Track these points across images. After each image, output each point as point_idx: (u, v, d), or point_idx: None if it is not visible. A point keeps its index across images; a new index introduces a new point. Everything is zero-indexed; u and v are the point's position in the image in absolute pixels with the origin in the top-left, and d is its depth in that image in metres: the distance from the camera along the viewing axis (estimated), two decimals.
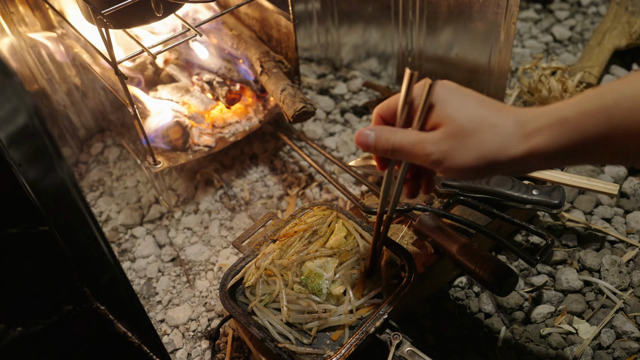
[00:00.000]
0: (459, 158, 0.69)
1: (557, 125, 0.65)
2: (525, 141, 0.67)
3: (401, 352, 0.90)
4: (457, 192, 1.13)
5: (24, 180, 0.63)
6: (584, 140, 0.65)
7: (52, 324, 0.73)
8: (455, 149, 0.69)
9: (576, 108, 0.65)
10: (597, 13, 1.77)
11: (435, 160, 0.71)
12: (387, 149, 0.75)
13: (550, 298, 1.10)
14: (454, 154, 0.69)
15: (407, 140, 0.73)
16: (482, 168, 0.69)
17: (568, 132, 0.65)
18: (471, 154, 0.69)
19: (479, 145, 0.68)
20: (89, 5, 1.03)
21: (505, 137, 0.68)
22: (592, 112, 0.64)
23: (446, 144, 0.70)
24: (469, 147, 0.69)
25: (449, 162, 0.70)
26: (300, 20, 1.62)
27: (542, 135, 0.66)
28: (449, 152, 0.70)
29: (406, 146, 0.73)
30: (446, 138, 0.70)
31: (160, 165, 1.24)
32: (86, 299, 0.75)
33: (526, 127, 0.67)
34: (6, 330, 0.70)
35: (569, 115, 0.65)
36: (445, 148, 0.70)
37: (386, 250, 1.02)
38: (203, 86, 1.34)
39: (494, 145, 0.68)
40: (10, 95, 0.58)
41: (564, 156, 0.67)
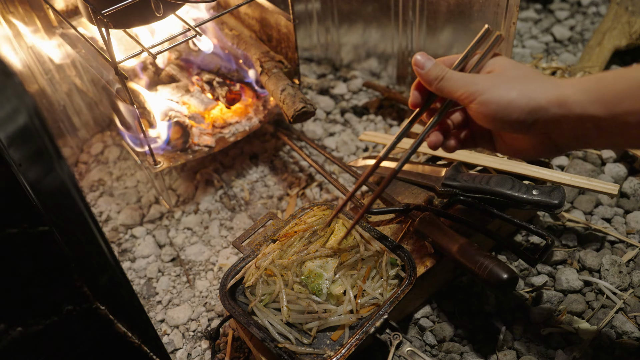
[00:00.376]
0: (501, 90, 0.74)
1: (593, 81, 0.72)
2: (562, 88, 0.72)
3: (401, 352, 0.90)
4: (457, 192, 1.13)
5: (24, 180, 0.63)
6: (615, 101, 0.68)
7: (52, 324, 0.73)
8: (501, 84, 0.75)
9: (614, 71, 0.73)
10: (597, 13, 1.77)
11: (478, 90, 0.75)
12: (438, 75, 0.80)
13: (550, 298, 1.10)
14: (498, 86, 0.75)
15: (458, 75, 0.79)
16: (519, 105, 0.73)
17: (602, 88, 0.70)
18: (514, 89, 0.74)
19: (524, 84, 0.74)
20: (89, 6, 1.03)
21: (547, 83, 0.73)
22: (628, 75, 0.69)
23: (494, 79, 0.76)
24: (514, 84, 0.74)
25: (491, 92, 0.74)
26: (300, 20, 1.62)
27: (578, 86, 0.72)
28: (494, 84, 0.75)
29: (456, 78, 0.78)
30: (497, 76, 0.77)
31: (160, 165, 1.24)
32: (86, 299, 0.75)
33: (566, 80, 0.74)
34: (6, 330, 0.70)
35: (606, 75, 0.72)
36: (492, 81, 0.76)
37: (386, 250, 1.02)
38: (203, 86, 1.34)
39: (537, 87, 0.73)
40: (10, 95, 0.58)
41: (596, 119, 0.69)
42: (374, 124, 1.51)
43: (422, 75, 0.81)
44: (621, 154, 1.32)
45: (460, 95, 0.77)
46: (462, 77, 0.78)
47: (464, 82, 0.77)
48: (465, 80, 0.77)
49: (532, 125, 0.74)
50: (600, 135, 0.71)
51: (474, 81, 0.76)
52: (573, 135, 0.74)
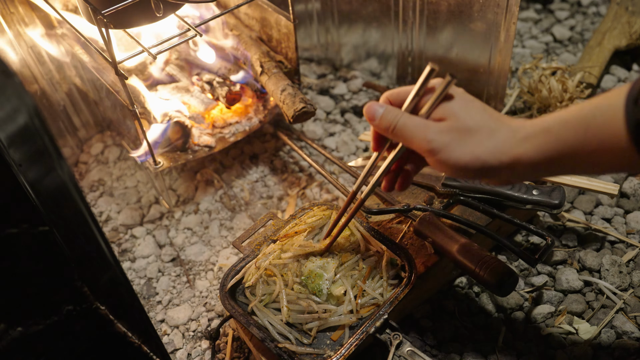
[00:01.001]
0: (456, 153, 0.73)
1: (542, 135, 0.71)
2: (514, 148, 0.72)
3: (401, 352, 0.90)
4: (457, 192, 1.13)
5: (24, 180, 0.63)
6: (564, 150, 0.69)
7: (52, 324, 0.73)
8: (455, 143, 0.74)
9: (558, 119, 0.71)
10: (597, 13, 1.77)
11: (434, 149, 0.74)
12: (390, 125, 0.78)
13: (550, 298, 1.10)
14: (453, 147, 0.74)
15: (412, 123, 0.77)
16: (473, 168, 0.73)
17: (550, 140, 0.70)
18: (468, 152, 0.73)
19: (477, 145, 0.73)
20: (89, 6, 1.03)
21: (499, 143, 0.73)
22: (572, 123, 0.69)
23: (448, 136, 0.74)
24: (467, 144, 0.73)
25: (446, 154, 0.74)
26: (300, 20, 1.62)
27: (528, 143, 0.71)
28: (448, 144, 0.74)
29: (410, 127, 0.77)
30: (449, 131, 0.74)
31: (160, 166, 1.24)
32: (86, 299, 0.75)
33: (516, 135, 0.73)
34: (6, 330, 0.70)
35: (551, 125, 0.71)
36: (446, 139, 0.74)
37: (386, 250, 1.02)
38: (203, 86, 1.34)
39: (489, 148, 0.73)
40: (10, 95, 0.58)
41: (547, 165, 0.72)
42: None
43: (376, 126, 0.81)
44: None
45: (416, 147, 0.77)
46: (415, 127, 0.76)
47: (419, 134, 0.76)
48: (419, 132, 0.76)
49: (489, 178, 0.76)
50: (551, 174, 0.78)
51: (429, 136, 0.75)
52: (525, 178, 0.79)
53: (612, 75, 1.53)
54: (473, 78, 1.40)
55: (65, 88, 1.42)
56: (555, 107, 1.39)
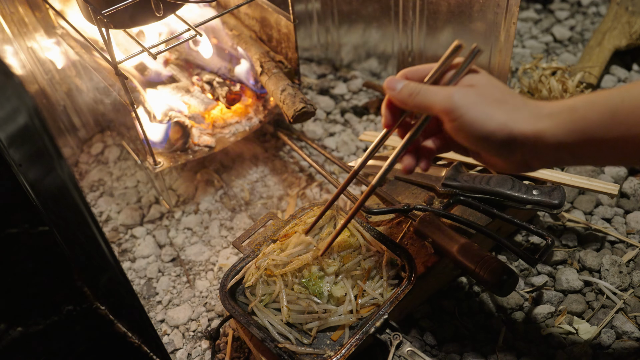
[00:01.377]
0: (482, 115, 0.71)
1: (567, 112, 0.69)
2: (538, 121, 0.70)
3: (401, 353, 0.90)
4: (457, 192, 1.13)
5: (24, 180, 0.63)
6: (589, 131, 0.67)
7: (52, 324, 0.73)
8: (481, 105, 0.71)
9: (585, 99, 0.69)
10: (597, 13, 1.77)
11: (458, 107, 0.71)
12: (412, 92, 0.75)
13: (550, 298, 1.10)
14: (479, 108, 0.71)
15: (434, 88, 0.75)
16: (498, 137, 0.71)
17: (576, 119, 0.68)
18: (494, 118, 0.71)
19: (503, 113, 0.71)
20: (89, 6, 1.03)
21: (525, 115, 0.71)
22: (598, 105, 0.67)
23: (474, 97, 0.72)
24: (494, 110, 0.71)
25: (471, 114, 0.71)
26: (300, 20, 1.62)
27: (553, 119, 0.69)
28: (475, 104, 0.71)
29: (432, 91, 0.74)
30: (476, 94, 0.72)
31: (160, 166, 1.24)
32: (86, 299, 0.75)
33: (542, 110, 0.71)
34: (6, 330, 0.70)
35: (578, 104, 0.69)
36: (472, 99, 0.71)
37: (386, 250, 1.02)
38: (203, 86, 1.34)
39: (515, 117, 0.71)
40: (10, 95, 0.58)
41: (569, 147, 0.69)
42: (374, 124, 1.51)
43: (396, 96, 0.77)
44: None
45: (439, 110, 0.74)
46: (439, 91, 0.74)
47: (443, 95, 0.73)
48: (443, 94, 0.73)
49: (509, 154, 0.73)
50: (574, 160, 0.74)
51: (454, 96, 0.72)
52: (548, 161, 0.75)
53: (612, 75, 1.53)
54: None
55: (65, 88, 1.42)
56: None
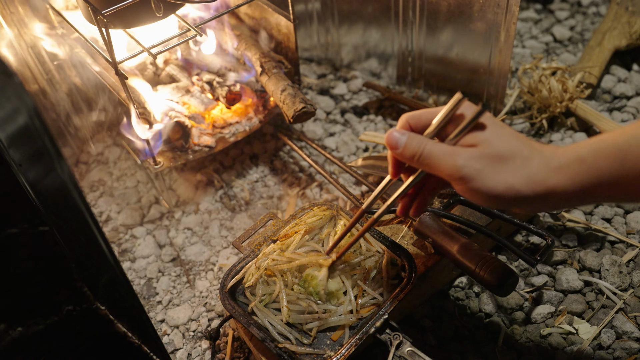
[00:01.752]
0: (489, 181, 0.70)
1: (575, 165, 0.68)
2: (548, 178, 0.69)
3: (401, 353, 0.90)
4: None
5: (24, 180, 0.63)
6: (599, 180, 0.67)
7: (52, 324, 0.73)
8: (488, 171, 0.70)
9: (591, 147, 0.68)
10: (598, 13, 1.77)
11: (465, 176, 0.70)
12: (416, 152, 0.74)
13: (550, 298, 1.10)
14: (486, 174, 0.70)
15: (439, 150, 0.73)
16: (507, 198, 0.70)
17: (585, 171, 0.67)
18: (502, 181, 0.70)
19: (511, 174, 0.70)
20: (89, 6, 1.03)
21: (533, 172, 0.69)
22: (606, 153, 0.67)
23: (480, 162, 0.70)
24: (501, 173, 0.70)
25: (479, 182, 0.70)
26: (300, 20, 1.62)
27: (562, 173, 0.68)
28: (481, 171, 0.70)
29: (437, 154, 0.73)
30: (481, 157, 0.70)
31: (160, 166, 1.24)
32: (86, 299, 0.75)
33: (550, 164, 0.69)
34: (6, 330, 0.70)
35: (585, 155, 0.68)
36: (478, 166, 0.70)
37: (386, 250, 1.02)
38: (203, 86, 1.34)
39: (523, 177, 0.69)
40: (10, 95, 0.58)
41: (581, 196, 0.69)
42: (374, 124, 1.51)
43: (399, 155, 0.76)
44: None
45: (444, 175, 0.73)
46: (444, 154, 0.72)
47: (449, 162, 0.72)
48: (449, 161, 0.72)
49: (520, 207, 0.73)
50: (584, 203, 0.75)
51: (459, 163, 0.71)
52: (557, 207, 0.77)
53: (612, 76, 1.53)
54: (473, 78, 1.40)
55: (65, 88, 1.42)
56: (556, 107, 1.39)
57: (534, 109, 1.44)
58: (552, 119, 1.44)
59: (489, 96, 1.40)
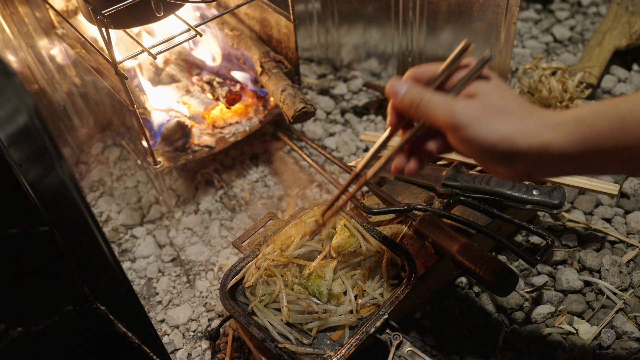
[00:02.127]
0: (484, 129, 0.69)
1: (573, 122, 0.67)
2: (545, 133, 0.68)
3: (401, 353, 0.90)
4: (457, 192, 1.13)
5: (24, 180, 0.63)
6: (596, 141, 0.66)
7: (52, 324, 0.73)
8: (484, 119, 0.69)
9: (592, 109, 0.68)
10: (598, 13, 1.77)
11: (459, 123, 0.70)
12: (414, 101, 0.74)
13: (550, 298, 1.10)
14: (481, 123, 0.69)
15: (437, 98, 0.72)
16: (501, 149, 0.69)
17: (583, 130, 0.67)
18: (497, 130, 0.69)
19: (507, 124, 0.69)
20: (89, 6, 1.03)
21: (530, 125, 0.69)
22: (607, 114, 0.66)
23: (477, 110, 0.70)
24: (497, 122, 0.69)
25: (473, 129, 0.69)
26: (300, 20, 1.62)
27: (559, 129, 0.68)
28: (477, 118, 0.69)
29: (435, 102, 0.72)
30: (479, 106, 0.70)
31: (160, 166, 1.24)
32: (86, 299, 0.75)
33: (548, 121, 0.69)
34: (6, 330, 0.70)
35: (584, 114, 0.67)
36: (474, 113, 0.70)
37: (386, 250, 1.02)
38: (203, 86, 1.34)
39: (519, 129, 0.69)
40: (10, 95, 0.58)
41: (577, 159, 0.68)
42: (374, 124, 1.51)
43: (398, 104, 0.76)
44: None
45: (440, 123, 0.72)
46: (441, 103, 0.72)
47: (445, 109, 0.71)
48: (445, 108, 0.71)
49: (512, 164, 0.72)
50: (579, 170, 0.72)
51: (456, 110, 0.70)
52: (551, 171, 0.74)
53: (612, 76, 1.53)
54: None
55: (65, 88, 1.42)
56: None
57: None
58: None
59: None
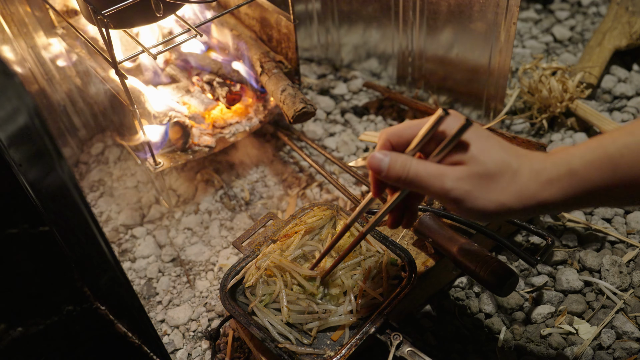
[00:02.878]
0: (480, 201, 0.69)
1: (567, 178, 0.67)
2: (539, 193, 0.68)
3: (401, 353, 0.90)
4: None
5: (24, 180, 0.63)
6: (591, 190, 0.66)
7: (52, 324, 0.73)
8: (478, 191, 0.69)
9: (582, 158, 0.67)
10: (598, 13, 1.77)
11: (456, 198, 0.69)
12: (400, 175, 0.72)
13: (550, 298, 1.10)
14: (476, 195, 0.69)
15: (425, 171, 0.71)
16: (499, 214, 0.69)
17: (577, 183, 0.67)
18: (493, 200, 0.69)
19: (501, 192, 0.69)
20: (89, 6, 1.03)
21: (523, 187, 0.68)
22: (598, 163, 0.66)
23: (469, 183, 0.69)
24: (491, 192, 0.69)
25: (470, 203, 0.69)
26: (300, 20, 1.62)
27: (553, 187, 0.67)
28: (471, 192, 0.69)
29: (423, 177, 0.71)
30: (470, 177, 0.69)
31: (160, 166, 1.24)
32: (86, 299, 0.75)
33: (540, 178, 0.68)
34: (6, 330, 0.70)
35: (576, 167, 0.67)
36: (467, 188, 0.69)
37: (386, 250, 1.02)
38: (203, 86, 1.34)
39: (513, 194, 0.68)
40: (10, 95, 0.58)
41: (572, 204, 0.69)
42: (374, 124, 1.51)
43: (384, 178, 0.74)
44: None
45: (433, 195, 0.72)
46: (430, 176, 0.70)
47: (435, 183, 0.70)
48: (435, 182, 0.70)
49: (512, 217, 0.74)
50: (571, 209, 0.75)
51: (447, 185, 0.69)
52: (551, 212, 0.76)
53: (612, 76, 1.53)
54: (473, 78, 1.40)
55: (65, 88, 1.42)
56: (556, 107, 1.39)
57: (534, 109, 1.44)
58: (552, 119, 1.44)
59: (489, 96, 1.40)
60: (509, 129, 1.45)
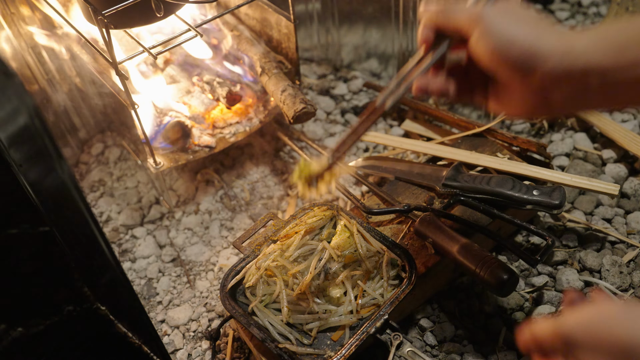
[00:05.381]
0: (506, 23, 0.69)
1: (602, 29, 0.67)
2: (567, 35, 0.67)
3: (402, 353, 0.90)
4: (458, 192, 1.13)
5: (24, 180, 0.63)
6: (624, 49, 0.64)
7: (52, 324, 0.73)
8: (507, 18, 0.69)
9: (622, 23, 0.66)
10: (598, 13, 1.77)
11: (482, 17, 0.69)
12: (441, 7, 0.74)
13: (550, 298, 1.10)
14: (504, 21, 0.69)
15: (462, 6, 0.72)
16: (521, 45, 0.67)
17: (610, 35, 0.65)
18: (519, 29, 0.68)
19: (529, 28, 0.68)
20: (89, 6, 1.03)
21: (553, 30, 0.68)
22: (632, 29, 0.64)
23: (500, 12, 0.70)
24: (520, 24, 0.69)
25: (495, 24, 0.69)
26: (300, 20, 1.62)
27: (584, 35, 0.66)
28: (500, 15, 0.69)
29: (461, 5, 0.72)
30: (502, 10, 0.70)
31: (161, 166, 1.24)
32: (87, 300, 0.75)
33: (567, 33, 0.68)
34: (6, 330, 0.70)
35: (613, 25, 0.67)
36: (498, 12, 0.69)
37: (387, 250, 1.02)
38: (203, 87, 1.34)
39: (540, 30, 0.68)
40: (10, 95, 0.58)
41: (600, 70, 0.65)
42: (374, 124, 1.50)
43: (425, 12, 0.76)
44: (622, 154, 1.32)
45: (464, 21, 0.72)
46: (467, 7, 0.73)
47: (469, 9, 0.72)
48: (470, 8, 0.72)
49: (530, 72, 0.68)
50: (602, 91, 0.67)
51: (479, 9, 0.71)
52: (572, 94, 0.69)
53: None
54: None
55: (65, 88, 1.42)
56: None
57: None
58: (552, 119, 1.44)
59: None
60: (509, 129, 1.45)
